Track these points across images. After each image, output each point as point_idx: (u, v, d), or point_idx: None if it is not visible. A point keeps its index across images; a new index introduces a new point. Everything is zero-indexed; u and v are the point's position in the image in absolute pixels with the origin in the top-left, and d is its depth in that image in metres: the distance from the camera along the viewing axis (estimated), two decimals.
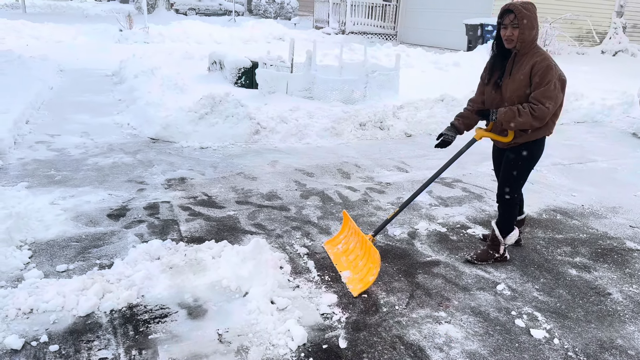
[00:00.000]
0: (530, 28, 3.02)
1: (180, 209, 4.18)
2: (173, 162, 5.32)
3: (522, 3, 3.05)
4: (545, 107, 2.97)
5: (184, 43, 16.31)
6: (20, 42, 14.19)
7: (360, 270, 3.14)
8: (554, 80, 2.98)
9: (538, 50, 3.08)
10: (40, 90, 7.92)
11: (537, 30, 3.06)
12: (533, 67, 3.01)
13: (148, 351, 2.45)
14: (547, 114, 2.99)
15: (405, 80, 8.92)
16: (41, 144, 5.68)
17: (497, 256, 3.47)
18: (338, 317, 2.80)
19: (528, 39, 3.04)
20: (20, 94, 7.16)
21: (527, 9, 3.02)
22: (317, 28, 22.43)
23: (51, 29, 16.36)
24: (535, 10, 3.06)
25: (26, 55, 10.31)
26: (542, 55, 3.05)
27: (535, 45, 3.09)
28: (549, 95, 2.97)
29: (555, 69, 3.01)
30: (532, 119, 3.00)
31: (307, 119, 6.68)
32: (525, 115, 3.00)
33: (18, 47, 12.51)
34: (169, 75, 8.44)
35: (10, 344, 2.41)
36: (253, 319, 2.70)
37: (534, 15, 3.04)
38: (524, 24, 2.99)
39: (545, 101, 2.97)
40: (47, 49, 12.93)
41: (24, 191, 4.16)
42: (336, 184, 4.94)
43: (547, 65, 2.99)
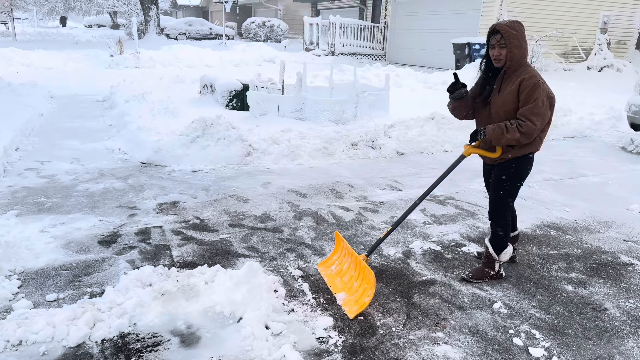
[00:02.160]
0: (517, 47, 3.06)
1: (172, 233, 4.13)
2: (165, 186, 5.29)
3: (509, 23, 3.09)
4: (532, 124, 3.00)
5: (175, 67, 16.41)
6: (10, 70, 14.21)
7: (356, 291, 3.11)
8: (541, 97, 3.01)
9: (526, 68, 3.11)
10: (30, 117, 7.90)
11: (525, 48, 3.10)
12: (521, 84, 3.05)
13: None
14: (534, 130, 3.02)
15: (395, 99, 8.99)
16: (31, 170, 5.63)
17: (492, 274, 3.45)
18: (334, 340, 2.75)
19: (516, 58, 3.08)
20: (10, 121, 7.13)
21: (514, 27, 3.06)
22: (307, 50, 22.68)
23: (41, 55, 16.43)
24: (522, 29, 3.10)
25: (16, 82, 10.33)
26: (530, 73, 3.08)
27: (525, 63, 3.13)
28: (536, 112, 3.00)
29: (543, 86, 3.04)
30: (520, 135, 3.03)
31: (299, 140, 6.69)
32: (512, 132, 3.03)
33: (8, 74, 12.51)
34: (160, 100, 8.46)
35: None
36: (248, 345, 2.65)
37: (521, 34, 3.08)
38: (510, 43, 3.04)
39: (533, 118, 3.00)
40: (37, 75, 12.96)
41: (13, 219, 4.10)
42: (329, 204, 4.92)
43: (534, 83, 3.02)
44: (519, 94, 3.06)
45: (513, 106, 3.10)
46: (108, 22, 38.66)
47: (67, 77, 13.60)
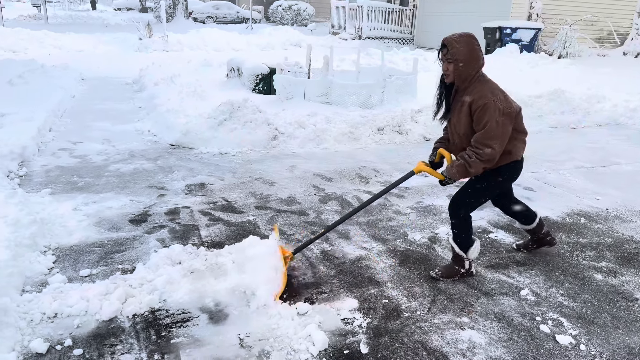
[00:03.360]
0: (465, 62, 2.87)
1: (200, 214, 4.20)
2: (193, 168, 5.37)
3: (458, 36, 2.91)
4: (491, 149, 2.83)
5: (203, 51, 16.50)
6: (42, 52, 14.53)
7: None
8: (494, 118, 2.81)
9: (477, 85, 2.91)
10: (62, 99, 8.08)
11: (476, 64, 2.89)
12: (471, 105, 2.88)
13: (170, 355, 2.47)
14: (495, 154, 2.86)
15: (423, 84, 8.83)
16: (64, 151, 5.78)
17: (463, 271, 3.28)
18: (359, 322, 2.78)
19: (464, 74, 2.90)
20: (43, 103, 7.32)
21: (461, 42, 2.87)
22: (333, 34, 22.50)
23: (72, 38, 16.72)
24: (471, 43, 2.89)
25: (48, 64, 10.54)
26: (479, 92, 2.87)
27: (477, 79, 2.93)
28: (491, 136, 2.83)
29: (495, 105, 2.82)
30: (483, 164, 2.89)
31: (324, 124, 6.68)
32: (475, 165, 2.89)
33: (41, 56, 12.79)
34: (188, 83, 8.54)
35: (35, 348, 2.44)
36: (274, 323, 2.70)
37: (469, 48, 2.87)
38: (457, 58, 2.86)
39: (490, 142, 2.83)
40: (69, 58, 13.20)
41: (48, 197, 4.23)
42: (355, 189, 4.92)
43: (483, 104, 2.82)
44: (472, 114, 2.90)
45: (469, 127, 2.95)
46: (137, 5, 38.98)
47: (97, 59, 13.84)
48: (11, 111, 6.43)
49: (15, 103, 6.94)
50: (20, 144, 5.29)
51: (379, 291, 3.10)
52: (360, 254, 3.58)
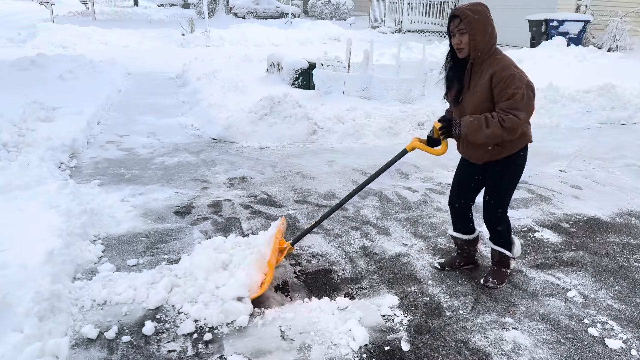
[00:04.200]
0: (482, 32, 2.64)
1: (241, 207, 4.27)
2: (234, 162, 5.45)
3: (470, 5, 2.67)
4: (516, 118, 2.60)
5: (243, 46, 16.70)
6: (90, 48, 15.03)
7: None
8: (521, 89, 2.60)
9: (497, 58, 2.69)
10: (109, 93, 8.35)
11: (492, 34, 2.67)
12: (492, 77, 2.65)
13: (214, 345, 2.52)
14: (518, 124, 2.63)
15: None
16: (111, 143, 5.98)
17: (509, 272, 3.17)
18: (400, 319, 2.76)
19: (481, 46, 2.66)
20: (92, 97, 7.59)
21: (475, 10, 2.64)
22: (372, 28, 22.30)
23: (118, 34, 17.21)
24: (486, 12, 2.67)
25: (96, 59, 10.91)
26: (501, 62, 2.66)
27: (494, 52, 2.71)
28: (518, 105, 2.59)
29: (521, 76, 2.63)
30: (502, 130, 2.62)
31: (364, 119, 6.65)
32: (493, 126, 2.61)
33: (88, 52, 13.25)
34: (229, 78, 8.67)
35: (86, 334, 2.54)
36: (314, 317, 2.72)
37: (484, 17, 2.65)
38: (472, 28, 2.63)
39: (516, 112, 2.60)
40: (115, 53, 13.61)
41: (97, 188, 4.39)
42: (394, 185, 4.88)
43: (509, 74, 2.61)
44: (492, 88, 2.65)
45: (487, 104, 2.70)
46: (179, 1, 39.77)
47: (142, 55, 14.22)
48: (62, 105, 6.69)
49: (65, 97, 7.22)
50: (71, 137, 5.51)
51: (420, 289, 3.07)
52: (400, 250, 3.55)
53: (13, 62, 9.66)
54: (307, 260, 3.39)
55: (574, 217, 4.23)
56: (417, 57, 10.28)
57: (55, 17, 22.17)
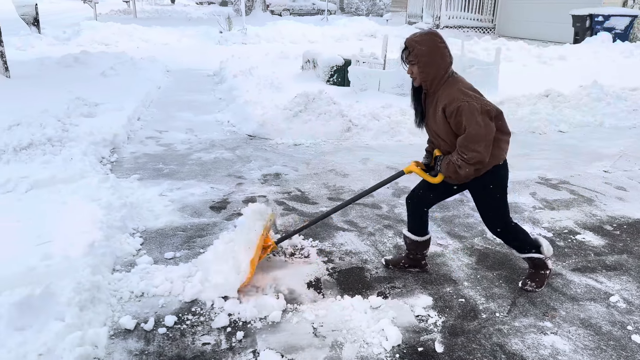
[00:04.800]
0: (429, 64, 2.62)
1: (275, 203, 4.29)
2: (268, 158, 5.49)
3: (418, 36, 2.66)
4: (477, 153, 2.59)
5: (279, 43, 16.80)
6: (131, 45, 15.43)
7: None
8: (472, 120, 2.56)
9: (446, 90, 2.66)
10: (149, 90, 8.55)
11: (441, 63, 2.63)
12: (444, 111, 2.65)
13: (247, 339, 2.55)
14: (482, 157, 2.61)
15: (505, 75, 8.48)
16: (151, 139, 6.12)
17: (548, 272, 3.06)
18: (434, 320, 2.72)
19: (430, 77, 2.66)
20: (132, 93, 7.79)
21: (422, 42, 2.62)
22: (409, 24, 22.04)
23: (158, 32, 17.60)
24: (434, 41, 2.63)
25: (137, 57, 11.18)
26: (449, 95, 2.62)
27: (446, 80, 2.67)
28: (474, 140, 2.58)
29: (468, 106, 2.57)
30: (473, 167, 2.64)
31: (399, 116, 6.58)
32: (464, 167, 2.64)
33: (130, 49, 13.59)
34: (265, 75, 8.74)
35: (124, 324, 2.61)
36: (347, 315, 2.71)
37: (432, 48, 2.61)
38: (419, 60, 2.62)
39: (474, 146, 2.58)
40: (155, 51, 13.92)
41: (136, 183, 4.51)
42: None
43: (456, 108, 2.58)
44: (448, 119, 2.65)
45: (450, 132, 2.70)
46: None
47: (181, 52, 14.50)
48: (104, 101, 6.90)
49: (107, 93, 7.43)
50: (112, 132, 5.67)
51: (455, 290, 3.01)
52: (435, 250, 3.50)
53: (58, 59, 10.02)
54: (340, 257, 3.38)
55: (618, 219, 4.07)
56: (456, 53, 10.09)
57: (98, 16, 22.88)
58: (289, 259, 3.34)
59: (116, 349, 2.45)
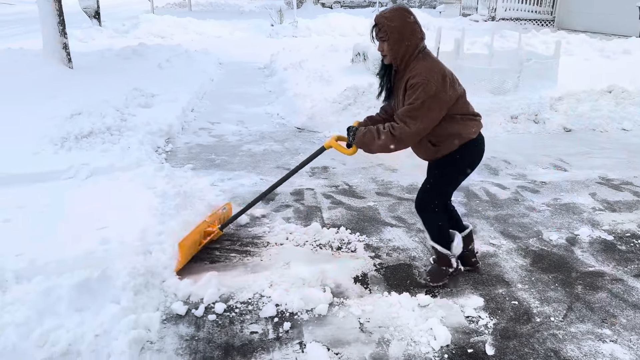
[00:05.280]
0: (399, 41, 2.55)
1: (323, 196, 4.29)
2: None
3: (388, 12, 2.58)
4: (406, 127, 2.54)
5: (329, 36, 16.77)
6: (186, 38, 15.82)
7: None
8: (422, 98, 2.50)
9: (416, 65, 2.58)
10: (203, 82, 8.75)
11: (411, 40, 2.56)
12: (406, 85, 2.58)
13: (294, 330, 2.56)
14: (408, 134, 2.56)
15: (565, 69, 8.10)
16: (203, 130, 6.26)
17: (451, 271, 2.98)
18: (484, 321, 2.64)
19: (400, 54, 2.59)
20: (187, 85, 7.99)
21: (392, 18, 2.55)
22: (464, 15, 21.45)
23: (212, 25, 17.95)
24: (404, 16, 2.56)
25: (191, 49, 11.45)
26: (417, 70, 2.55)
27: (415, 58, 2.59)
28: (412, 114, 2.53)
29: (426, 85, 2.49)
30: (391, 141, 2.59)
31: None
32: (385, 137, 2.59)
33: (185, 42, 13.93)
34: (315, 68, 8.74)
35: (176, 310, 2.69)
36: (394, 312, 2.67)
37: (402, 24, 2.55)
38: (389, 37, 2.56)
39: (408, 120, 2.54)
40: (209, 43, 14.20)
41: (190, 172, 4.62)
42: (482, 180, 4.67)
43: (415, 83, 2.52)
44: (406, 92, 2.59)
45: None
46: None
47: (233, 45, 14.73)
48: (160, 92, 7.12)
49: (163, 85, 7.66)
50: (167, 123, 5.84)
51: (508, 291, 2.91)
52: (488, 250, 3.39)
53: (118, 51, 10.40)
54: (388, 253, 3.34)
55: None
56: (512, 47, 9.75)
57: (155, 9, 23.60)
58: (336, 253, 3.33)
59: (168, 334, 2.53)
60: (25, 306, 2.47)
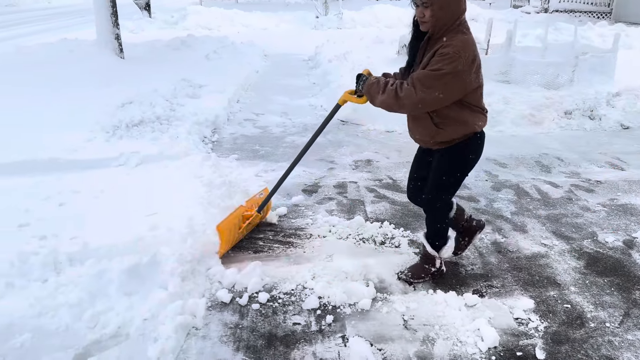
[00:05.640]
0: (443, 7, 2.35)
1: (366, 190, 4.25)
2: (360, 144, 5.44)
3: None
4: (414, 92, 2.38)
5: (374, 27, 16.58)
6: (232, 30, 16.01)
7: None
8: (446, 70, 2.32)
9: (454, 36, 2.37)
10: (248, 73, 8.82)
11: (457, 8, 2.37)
12: (436, 52, 2.38)
13: (336, 324, 2.55)
14: (412, 100, 2.40)
15: (624, 63, 7.69)
16: (248, 121, 6.32)
17: (433, 270, 2.88)
18: (535, 324, 2.54)
19: (442, 22, 2.38)
20: (233, 76, 8.08)
21: None
22: (515, 7, 20.76)
23: (258, 17, 18.08)
24: None
25: (238, 41, 11.57)
26: (453, 41, 2.35)
27: (454, 28, 2.39)
28: (426, 82, 2.36)
29: (455, 58, 2.31)
30: (394, 100, 2.44)
31: (501, 105, 6.22)
32: (387, 94, 2.47)
33: (231, 33, 14.10)
34: (359, 60, 8.65)
35: (221, 297, 2.72)
36: (439, 310, 2.61)
37: None
38: (434, 2, 2.34)
39: (419, 86, 2.37)
40: (254, 35, 14.32)
41: (235, 163, 4.67)
42: (534, 178, 4.50)
43: (448, 52, 2.32)
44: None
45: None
46: None
47: (278, 37, 14.80)
48: (207, 83, 7.23)
49: (210, 76, 7.77)
50: (214, 113, 5.92)
51: (560, 294, 2.79)
52: (539, 250, 3.27)
53: (167, 42, 10.63)
54: None
55: None
56: (566, 40, 9.33)
57: (203, 1, 23.95)
58: (379, 248, 3.29)
59: (212, 320, 2.56)
60: (78, 288, 2.57)
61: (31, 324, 2.40)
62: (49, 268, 2.73)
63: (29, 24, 16.60)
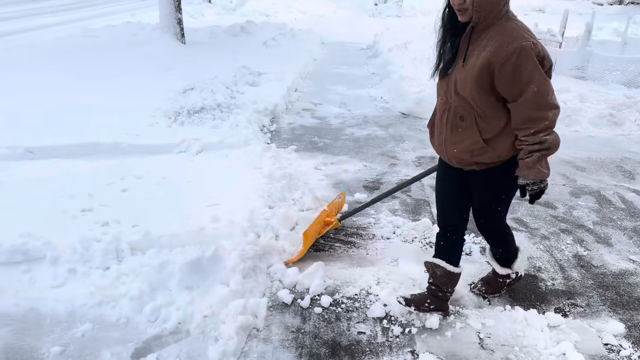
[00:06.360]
0: None
1: (431, 189, 4.02)
2: (423, 140, 5.20)
3: None
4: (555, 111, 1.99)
5: (436, 16, 16.04)
6: (289, 16, 15.92)
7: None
8: (538, 67, 1.93)
9: (507, 24, 1.98)
10: (306, 62, 8.69)
11: None
12: (497, 51, 1.94)
13: (404, 337, 2.38)
14: (556, 120, 2.01)
15: None
16: (306, 111, 6.18)
17: (509, 281, 2.63)
18: (627, 352, 2.28)
19: (487, 8, 1.97)
20: (291, 64, 7.96)
21: None
22: None
23: (315, 3, 17.92)
24: None
25: (295, 28, 11.44)
26: (510, 32, 1.95)
27: (504, 16, 2.00)
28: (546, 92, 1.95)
29: (533, 47, 1.93)
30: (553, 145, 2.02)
31: (577, 103, 5.80)
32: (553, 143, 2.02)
33: (288, 20, 14.00)
34: (422, 50, 8.35)
35: (282, 298, 2.60)
36: (519, 330, 2.39)
37: None
38: None
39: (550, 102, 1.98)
40: (312, 22, 14.16)
41: (294, 154, 4.55)
42: (616, 184, 4.13)
43: (519, 47, 1.91)
44: (495, 66, 1.96)
45: (481, 82, 2.01)
46: None
47: (335, 24, 14.57)
48: (266, 70, 7.15)
49: (268, 63, 7.69)
50: (273, 102, 5.81)
51: None
52: (627, 267, 2.96)
53: (226, 28, 10.65)
54: None
55: None
56: None
57: None
58: None
59: (274, 322, 2.45)
60: (139, 278, 2.52)
61: (92, 314, 2.38)
62: (111, 256, 2.70)
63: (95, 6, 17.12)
